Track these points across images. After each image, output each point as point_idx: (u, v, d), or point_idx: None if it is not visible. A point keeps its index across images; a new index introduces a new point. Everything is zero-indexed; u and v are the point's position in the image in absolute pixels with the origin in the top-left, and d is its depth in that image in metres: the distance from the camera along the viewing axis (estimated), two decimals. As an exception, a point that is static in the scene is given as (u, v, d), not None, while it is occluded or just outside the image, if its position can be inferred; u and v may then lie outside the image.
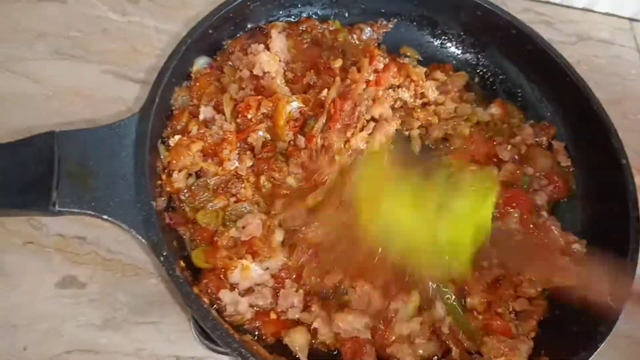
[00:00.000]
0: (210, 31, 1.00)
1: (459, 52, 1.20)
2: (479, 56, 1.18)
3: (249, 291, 0.88)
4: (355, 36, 1.13)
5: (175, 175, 0.92)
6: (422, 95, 1.11)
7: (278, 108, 0.97)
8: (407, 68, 1.10)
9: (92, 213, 0.80)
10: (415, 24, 1.18)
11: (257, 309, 0.88)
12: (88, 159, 0.82)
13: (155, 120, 0.87)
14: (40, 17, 1.20)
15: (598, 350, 0.82)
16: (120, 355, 0.91)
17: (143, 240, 0.80)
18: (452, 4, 1.14)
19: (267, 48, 1.04)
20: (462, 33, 1.17)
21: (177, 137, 0.94)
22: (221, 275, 0.87)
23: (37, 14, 1.20)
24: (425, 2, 1.15)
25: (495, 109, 1.11)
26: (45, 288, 0.94)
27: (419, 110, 1.10)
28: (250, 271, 0.87)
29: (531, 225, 0.97)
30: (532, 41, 1.08)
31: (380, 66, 1.07)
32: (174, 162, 0.91)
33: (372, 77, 1.07)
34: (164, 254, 0.79)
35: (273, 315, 0.87)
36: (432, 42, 1.20)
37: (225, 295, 0.86)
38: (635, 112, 1.29)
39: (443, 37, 1.19)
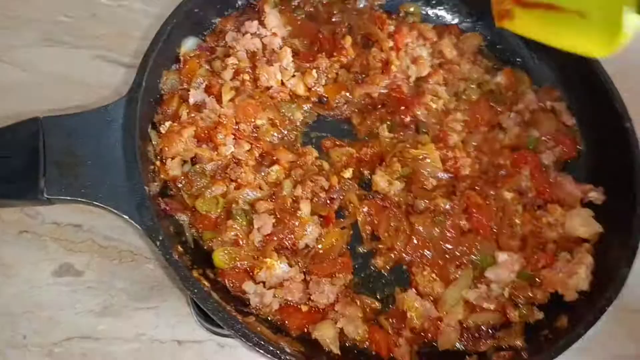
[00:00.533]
0: (196, 10, 0.97)
1: (456, 21, 1.17)
2: (477, 25, 1.15)
3: (277, 285, 0.86)
4: (349, 6, 1.10)
5: (169, 162, 0.90)
6: (440, 53, 1.08)
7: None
8: (418, 27, 1.09)
9: (84, 200, 0.79)
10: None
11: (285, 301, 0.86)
12: (75, 144, 0.80)
13: (144, 104, 0.85)
14: (28, 2, 1.18)
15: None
16: (120, 341, 0.91)
17: (138, 226, 0.79)
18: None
19: (262, 24, 1.02)
20: (457, 2, 1.15)
21: (167, 123, 0.92)
22: (250, 273, 0.86)
23: (25, 0, 1.17)
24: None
25: (500, 78, 1.09)
26: (42, 277, 0.94)
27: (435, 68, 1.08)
28: (275, 269, 0.85)
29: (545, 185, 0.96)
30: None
31: (392, 29, 1.05)
32: (167, 149, 0.89)
33: (391, 44, 1.05)
34: (160, 238, 0.77)
35: (304, 308, 0.86)
36: (427, 11, 1.17)
37: (249, 287, 0.84)
38: (640, 84, 1.26)
39: (438, 7, 1.17)
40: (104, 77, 1.11)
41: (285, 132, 1.00)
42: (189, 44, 1.02)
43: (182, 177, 0.91)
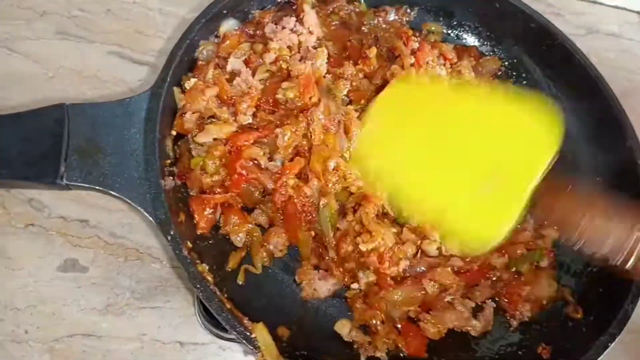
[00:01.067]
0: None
1: (476, 43, 1.17)
2: (495, 49, 1.15)
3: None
4: (380, 19, 1.11)
5: (188, 115, 0.90)
6: (459, 73, 1.08)
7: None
8: (439, 46, 1.09)
9: (101, 188, 0.78)
10: (431, 14, 1.16)
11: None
12: (97, 133, 0.80)
13: (167, 98, 0.85)
14: (42, -6, 1.17)
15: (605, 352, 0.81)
16: (122, 340, 0.90)
17: (151, 219, 0.78)
18: (469, -5, 1.11)
19: (299, 22, 1.03)
20: (478, 25, 1.15)
21: (193, 80, 0.92)
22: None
23: (39, -8, 1.18)
24: (441, -9, 1.12)
25: None
26: (47, 271, 0.93)
27: None
28: None
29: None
30: (552, 36, 1.06)
31: (416, 46, 1.05)
32: (189, 105, 0.90)
33: (412, 60, 1.04)
34: (172, 233, 0.77)
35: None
36: (449, 33, 1.17)
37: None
38: (643, 106, 1.29)
39: (459, 29, 1.17)
40: (118, 73, 1.11)
41: None
42: (230, 24, 1.02)
43: (196, 129, 0.90)
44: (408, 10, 1.14)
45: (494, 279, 0.91)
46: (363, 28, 1.10)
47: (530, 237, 0.95)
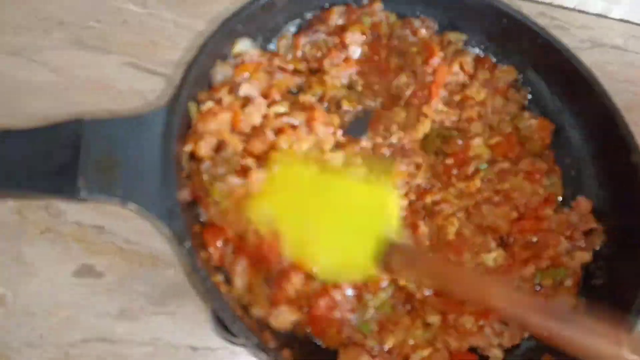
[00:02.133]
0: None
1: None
2: (503, 65, 1.15)
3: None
4: (408, 30, 1.10)
5: (203, 142, 0.90)
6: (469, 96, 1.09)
7: None
8: (460, 62, 1.09)
9: (118, 201, 0.80)
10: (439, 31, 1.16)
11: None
12: (115, 147, 0.82)
13: (183, 113, 0.87)
14: (60, 5, 1.19)
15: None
16: (136, 344, 0.92)
17: (168, 230, 0.80)
18: (477, 11, 1.10)
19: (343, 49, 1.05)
20: (486, 41, 1.15)
21: (209, 102, 0.93)
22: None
23: (57, 2, 1.20)
24: (450, 7, 1.12)
25: (533, 122, 1.09)
26: (63, 277, 0.95)
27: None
28: None
29: None
30: (558, 52, 1.07)
31: (436, 62, 1.05)
32: (202, 125, 0.90)
33: (431, 79, 1.05)
34: (188, 245, 0.79)
35: None
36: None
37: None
38: (647, 120, 1.30)
39: (467, 46, 1.16)
40: (134, 84, 1.13)
41: None
42: (246, 44, 1.03)
43: (209, 160, 0.91)
44: (431, 24, 1.13)
45: None
46: (390, 41, 1.09)
47: (557, 252, 0.94)
